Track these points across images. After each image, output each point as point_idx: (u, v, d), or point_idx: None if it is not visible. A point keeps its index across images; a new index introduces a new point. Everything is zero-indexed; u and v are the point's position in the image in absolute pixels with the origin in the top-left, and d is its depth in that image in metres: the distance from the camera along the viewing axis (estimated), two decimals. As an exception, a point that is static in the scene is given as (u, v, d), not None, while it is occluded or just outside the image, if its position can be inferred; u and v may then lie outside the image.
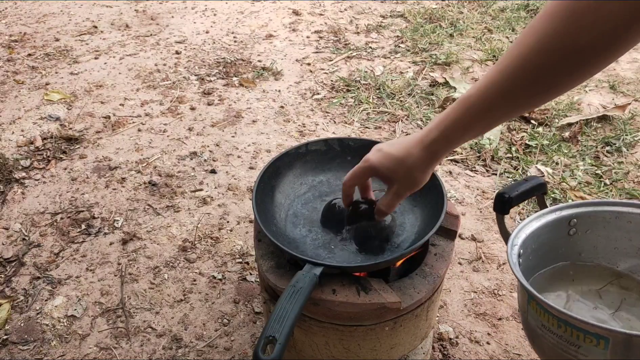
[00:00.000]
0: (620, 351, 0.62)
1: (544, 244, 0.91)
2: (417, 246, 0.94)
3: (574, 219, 0.90)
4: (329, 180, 1.18)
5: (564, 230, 0.92)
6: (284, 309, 0.79)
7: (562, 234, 0.93)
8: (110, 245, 1.64)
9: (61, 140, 2.13)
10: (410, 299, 0.92)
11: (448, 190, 1.87)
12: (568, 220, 0.91)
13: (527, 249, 0.89)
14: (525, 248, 0.88)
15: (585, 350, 0.65)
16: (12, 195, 1.84)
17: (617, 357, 0.63)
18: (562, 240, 0.93)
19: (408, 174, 0.82)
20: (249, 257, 1.60)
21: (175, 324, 1.39)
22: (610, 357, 0.63)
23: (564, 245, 0.94)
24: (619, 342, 0.62)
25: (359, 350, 0.98)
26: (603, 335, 0.62)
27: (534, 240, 0.90)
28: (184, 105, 2.41)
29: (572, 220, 0.91)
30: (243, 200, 1.83)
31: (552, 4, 0.60)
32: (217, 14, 3.48)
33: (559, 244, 0.94)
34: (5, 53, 2.88)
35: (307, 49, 2.99)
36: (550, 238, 0.92)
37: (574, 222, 0.91)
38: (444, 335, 1.36)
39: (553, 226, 0.91)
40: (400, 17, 3.49)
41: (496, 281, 1.53)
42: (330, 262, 0.95)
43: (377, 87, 2.55)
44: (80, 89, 2.52)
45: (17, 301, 1.45)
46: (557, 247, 0.94)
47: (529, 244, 0.89)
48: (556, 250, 0.94)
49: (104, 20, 3.35)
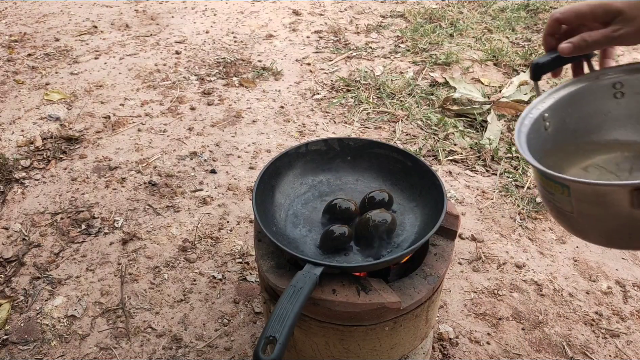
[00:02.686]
0: (581, 197, 0.65)
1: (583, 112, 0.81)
2: (417, 246, 0.94)
3: (618, 82, 0.78)
4: (329, 180, 1.18)
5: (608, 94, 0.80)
6: (284, 309, 0.79)
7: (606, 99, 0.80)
8: (110, 245, 1.64)
9: (61, 140, 2.13)
10: (410, 299, 0.92)
11: (448, 190, 1.87)
12: (612, 84, 0.79)
13: (562, 114, 0.80)
14: (556, 112, 0.80)
15: (558, 198, 0.69)
16: (12, 195, 1.84)
17: (581, 204, 0.66)
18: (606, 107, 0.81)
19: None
20: (249, 257, 1.60)
21: (175, 324, 1.39)
22: (575, 203, 0.66)
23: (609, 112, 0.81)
24: (577, 189, 0.65)
25: (359, 350, 0.98)
26: (564, 184, 0.66)
27: (570, 105, 0.81)
28: (184, 105, 2.41)
29: (617, 83, 0.78)
30: (243, 200, 1.83)
31: None
32: (217, 14, 3.48)
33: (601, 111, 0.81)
34: (5, 53, 2.88)
35: (307, 49, 2.99)
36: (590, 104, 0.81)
37: (619, 85, 0.78)
38: (444, 335, 1.36)
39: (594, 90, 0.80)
40: (400, 17, 3.49)
41: (496, 281, 1.53)
42: (330, 262, 0.95)
43: (377, 87, 2.55)
44: (80, 89, 2.52)
45: (17, 301, 1.45)
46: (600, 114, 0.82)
47: (563, 109, 0.80)
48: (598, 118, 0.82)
49: (104, 20, 3.35)
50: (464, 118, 2.31)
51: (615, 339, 1.37)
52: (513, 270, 1.57)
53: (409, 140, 2.17)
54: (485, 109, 2.32)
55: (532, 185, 1.91)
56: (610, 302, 1.47)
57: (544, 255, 1.63)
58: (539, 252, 1.64)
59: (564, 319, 1.42)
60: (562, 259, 1.62)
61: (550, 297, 1.49)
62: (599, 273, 1.57)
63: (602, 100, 0.80)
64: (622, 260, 1.62)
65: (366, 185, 1.17)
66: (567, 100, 0.81)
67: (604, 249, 1.65)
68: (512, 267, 1.58)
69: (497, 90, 2.53)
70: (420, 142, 2.15)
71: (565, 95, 0.81)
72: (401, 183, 1.14)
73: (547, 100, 0.81)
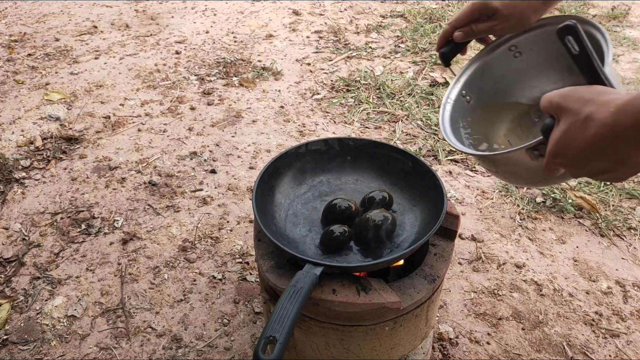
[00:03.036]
0: (500, 162, 0.80)
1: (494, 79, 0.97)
2: (417, 246, 0.94)
3: (513, 45, 0.94)
4: (329, 180, 1.18)
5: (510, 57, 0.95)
6: (284, 309, 0.79)
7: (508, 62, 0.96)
8: (110, 245, 1.64)
9: (61, 140, 2.13)
10: (410, 299, 0.92)
11: (448, 190, 1.87)
12: (508, 48, 0.94)
13: (478, 84, 0.96)
14: (473, 85, 0.95)
15: (485, 164, 0.89)
16: (12, 195, 1.84)
17: (501, 166, 0.81)
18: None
19: (521, 13, 0.83)
20: (249, 257, 1.60)
21: (175, 324, 1.39)
22: (498, 166, 0.82)
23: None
24: (493, 159, 0.81)
25: (359, 350, 0.98)
26: (484, 157, 0.83)
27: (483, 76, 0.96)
28: (184, 105, 2.41)
29: (512, 46, 0.94)
30: (243, 200, 1.83)
31: None
32: (217, 14, 3.48)
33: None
34: (5, 53, 2.88)
35: (307, 49, 2.99)
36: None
37: (514, 47, 0.94)
38: (444, 335, 1.36)
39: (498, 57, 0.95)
40: (400, 17, 3.49)
41: (496, 281, 1.53)
42: (331, 262, 0.95)
43: (377, 87, 2.55)
44: (80, 89, 2.52)
45: (17, 301, 1.45)
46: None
47: (478, 80, 0.96)
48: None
49: (104, 20, 3.35)
50: (464, 118, 2.30)
51: (615, 339, 1.37)
52: (513, 270, 1.57)
53: (409, 140, 2.17)
54: (485, 109, 2.32)
55: (532, 185, 1.92)
56: (610, 302, 1.47)
57: (544, 255, 1.63)
58: (539, 252, 1.64)
59: (564, 319, 1.42)
60: (562, 259, 1.62)
61: (550, 297, 1.49)
62: (599, 273, 1.57)
63: (506, 62, 0.94)
64: (622, 260, 1.62)
65: (366, 185, 1.17)
66: (478, 72, 0.96)
67: (604, 249, 1.65)
68: (512, 267, 1.58)
69: (497, 90, 2.53)
70: (420, 142, 2.15)
71: (475, 69, 0.97)
72: (401, 183, 1.14)
73: (460, 80, 0.96)
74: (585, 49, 0.62)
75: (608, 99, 0.55)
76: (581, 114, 0.56)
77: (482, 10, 0.85)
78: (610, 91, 0.58)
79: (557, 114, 0.60)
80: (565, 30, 0.62)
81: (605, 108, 0.54)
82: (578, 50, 0.62)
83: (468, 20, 0.88)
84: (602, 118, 0.54)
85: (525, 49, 0.92)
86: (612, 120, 0.53)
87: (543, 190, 1.87)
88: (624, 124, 0.52)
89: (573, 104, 0.57)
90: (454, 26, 0.90)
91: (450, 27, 0.91)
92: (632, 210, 1.81)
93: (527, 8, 0.82)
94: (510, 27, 0.86)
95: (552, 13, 0.90)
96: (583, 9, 3.60)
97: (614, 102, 0.54)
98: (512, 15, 0.83)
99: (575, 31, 0.61)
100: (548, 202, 1.83)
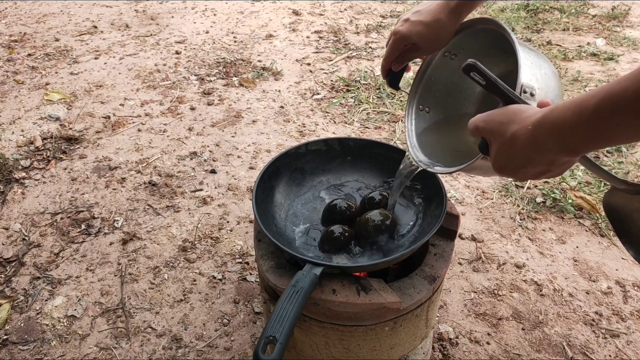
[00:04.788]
0: (463, 171, 0.83)
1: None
2: (417, 246, 0.94)
3: (446, 51, 1.00)
4: (329, 180, 1.18)
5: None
6: (284, 309, 0.79)
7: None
8: (110, 245, 1.64)
9: (61, 140, 2.13)
10: (410, 299, 0.92)
11: (448, 190, 1.87)
12: (443, 54, 1.00)
13: (429, 93, 1.02)
14: (426, 96, 1.02)
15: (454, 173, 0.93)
16: (12, 195, 1.84)
17: (468, 172, 0.85)
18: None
19: (437, 36, 0.90)
20: (249, 257, 1.60)
21: (175, 324, 1.39)
22: (465, 172, 0.91)
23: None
24: (456, 170, 0.85)
25: (359, 350, 0.98)
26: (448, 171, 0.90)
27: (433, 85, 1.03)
28: (184, 105, 2.41)
29: (446, 52, 1.00)
30: (243, 200, 1.83)
31: None
32: (217, 14, 3.48)
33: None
34: (5, 53, 2.88)
35: (307, 49, 2.99)
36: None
37: (447, 53, 1.00)
38: (444, 335, 1.36)
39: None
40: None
41: (496, 281, 1.53)
42: (330, 262, 0.95)
43: (377, 87, 2.55)
44: (80, 89, 2.52)
45: (17, 301, 1.45)
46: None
47: (428, 89, 1.02)
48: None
49: (104, 20, 3.35)
50: (464, 118, 2.30)
51: (615, 339, 1.37)
52: (513, 270, 1.57)
53: (409, 140, 2.17)
54: (485, 109, 2.32)
55: (532, 185, 1.91)
56: (610, 302, 1.47)
57: (544, 255, 1.63)
58: (539, 252, 1.64)
59: (564, 319, 1.42)
60: (562, 259, 1.62)
61: (550, 297, 1.49)
62: (599, 273, 1.57)
63: (446, 66, 1.00)
64: (622, 260, 1.62)
65: (366, 185, 1.17)
66: (426, 84, 1.02)
67: (604, 249, 1.65)
68: (512, 267, 1.58)
69: (497, 90, 2.53)
70: (420, 142, 2.15)
71: (423, 83, 1.02)
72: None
73: (414, 100, 1.03)
74: (490, 79, 0.68)
75: (525, 116, 0.64)
76: (507, 134, 0.65)
77: (403, 42, 0.93)
78: (524, 109, 0.66)
79: (486, 137, 0.69)
80: (468, 68, 0.68)
81: (524, 125, 0.63)
82: (485, 82, 0.68)
83: (396, 53, 0.97)
84: (523, 134, 0.62)
85: (458, 50, 0.98)
86: (532, 134, 0.61)
87: (543, 190, 1.87)
88: (542, 136, 0.61)
89: (497, 127, 0.66)
90: (388, 61, 0.99)
91: (385, 63, 1.00)
92: (632, 210, 1.80)
93: (440, 29, 0.89)
94: (433, 47, 0.94)
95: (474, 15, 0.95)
96: (583, 9, 3.60)
97: (530, 119, 0.63)
98: (429, 39, 0.90)
99: (477, 67, 0.67)
100: (548, 202, 1.83)
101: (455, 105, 1.04)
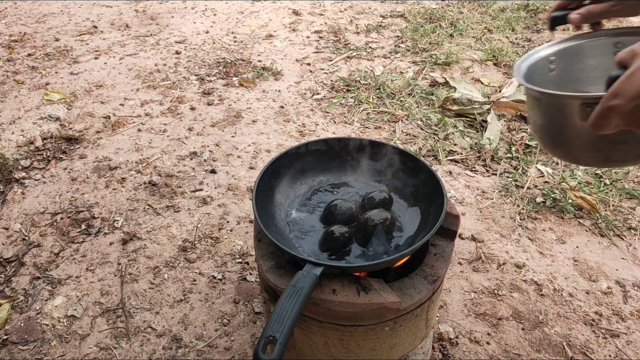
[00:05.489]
0: (548, 109, 0.78)
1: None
2: (417, 246, 0.94)
3: (620, 42, 0.91)
4: (328, 180, 1.18)
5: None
6: (284, 309, 0.79)
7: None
8: (110, 245, 1.64)
9: (61, 140, 2.13)
10: (410, 299, 0.92)
11: (448, 190, 1.87)
12: (614, 43, 0.91)
13: (568, 62, 0.93)
14: (563, 59, 0.93)
15: (536, 112, 0.82)
16: (12, 195, 1.84)
17: (548, 115, 0.79)
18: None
19: None
20: (249, 257, 1.60)
21: (175, 324, 1.39)
22: (545, 116, 0.79)
23: None
24: (545, 100, 0.78)
25: (359, 350, 0.98)
26: (537, 96, 0.79)
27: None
28: (184, 105, 2.41)
29: (618, 43, 0.91)
30: (243, 200, 1.83)
31: None
32: (217, 14, 3.48)
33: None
34: (5, 53, 2.87)
35: (307, 49, 2.99)
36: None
37: (620, 45, 0.91)
38: (444, 335, 1.36)
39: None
40: (400, 17, 3.49)
41: (496, 281, 1.53)
42: (330, 262, 0.95)
43: (377, 87, 2.55)
44: (80, 89, 2.52)
45: (17, 301, 1.45)
46: None
47: (569, 58, 0.93)
48: None
49: (104, 20, 3.35)
50: (464, 118, 2.31)
51: (615, 339, 1.37)
52: (513, 270, 1.57)
53: (409, 140, 2.17)
54: (485, 109, 2.32)
55: (532, 185, 1.91)
56: (610, 302, 1.47)
57: (544, 255, 1.63)
58: (539, 252, 1.64)
59: (564, 319, 1.42)
60: (562, 259, 1.62)
61: (550, 297, 1.49)
62: (599, 273, 1.57)
63: (603, 56, 0.91)
64: (622, 260, 1.62)
65: (366, 185, 1.17)
66: (574, 51, 0.93)
67: (604, 249, 1.65)
68: (512, 267, 1.58)
69: (497, 90, 2.53)
70: (420, 142, 2.15)
71: (573, 45, 0.93)
72: (401, 183, 1.14)
73: (554, 46, 0.93)
74: None
75: None
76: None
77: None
78: None
79: (631, 61, 0.62)
80: None
81: None
82: None
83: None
84: None
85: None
86: None
87: (543, 190, 1.87)
88: None
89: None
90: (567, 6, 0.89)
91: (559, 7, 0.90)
92: (632, 210, 1.81)
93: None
94: (628, 11, 0.84)
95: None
96: (583, 9, 3.59)
97: None
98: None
99: None
100: (548, 202, 1.83)
101: (575, 87, 0.95)
